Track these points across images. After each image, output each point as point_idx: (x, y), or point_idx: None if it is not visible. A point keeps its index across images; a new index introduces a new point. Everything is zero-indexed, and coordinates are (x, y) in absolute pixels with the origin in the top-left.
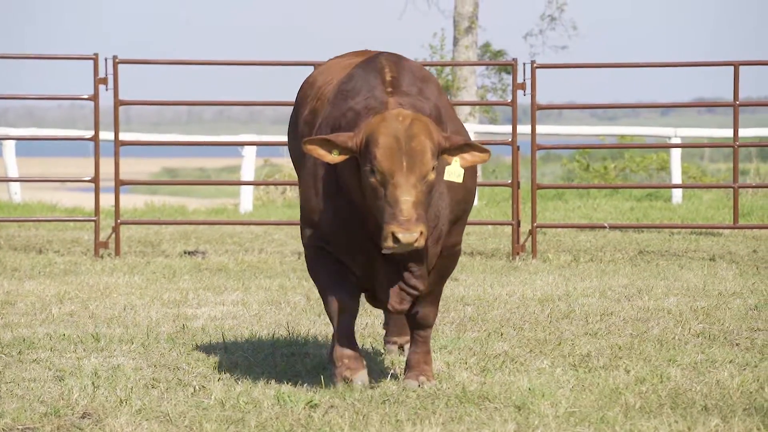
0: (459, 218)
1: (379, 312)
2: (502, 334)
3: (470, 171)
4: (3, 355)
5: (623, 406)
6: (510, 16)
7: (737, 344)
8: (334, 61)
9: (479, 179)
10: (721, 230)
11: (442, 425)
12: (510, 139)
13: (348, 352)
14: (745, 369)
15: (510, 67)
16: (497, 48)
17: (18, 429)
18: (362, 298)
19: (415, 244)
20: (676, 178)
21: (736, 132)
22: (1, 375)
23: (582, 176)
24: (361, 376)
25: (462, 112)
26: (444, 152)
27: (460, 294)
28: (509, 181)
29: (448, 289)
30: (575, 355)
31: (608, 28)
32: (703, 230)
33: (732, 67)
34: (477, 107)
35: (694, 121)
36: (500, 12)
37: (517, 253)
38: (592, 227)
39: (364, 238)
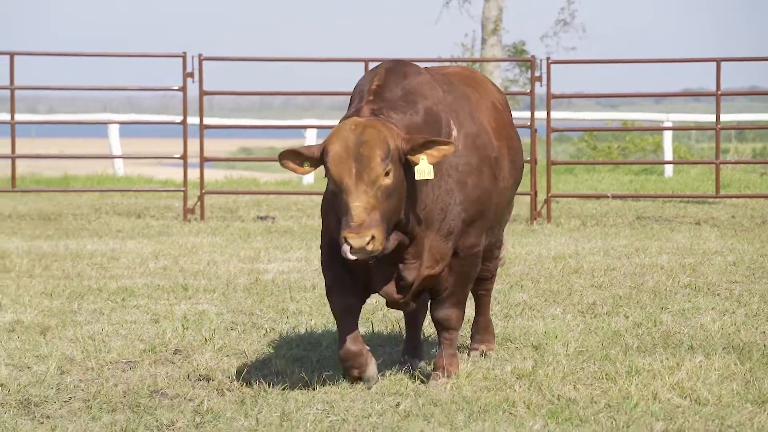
0: (474, 219)
1: None
2: (522, 286)
3: (488, 173)
4: (110, 302)
5: (623, 346)
6: (531, 19)
7: (718, 294)
8: None
9: None
10: (705, 199)
11: (472, 362)
12: (529, 123)
13: (352, 350)
14: (724, 315)
15: (529, 63)
16: (522, 47)
17: (122, 362)
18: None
19: (368, 248)
20: (668, 155)
21: (718, 117)
22: (108, 318)
23: (589, 154)
24: (369, 372)
25: None
26: (408, 154)
27: None
28: (528, 158)
29: None
30: (583, 303)
31: (611, 30)
32: (691, 199)
33: (715, 63)
34: None
35: (682, 108)
36: (523, 16)
37: (535, 219)
38: (598, 197)
39: None
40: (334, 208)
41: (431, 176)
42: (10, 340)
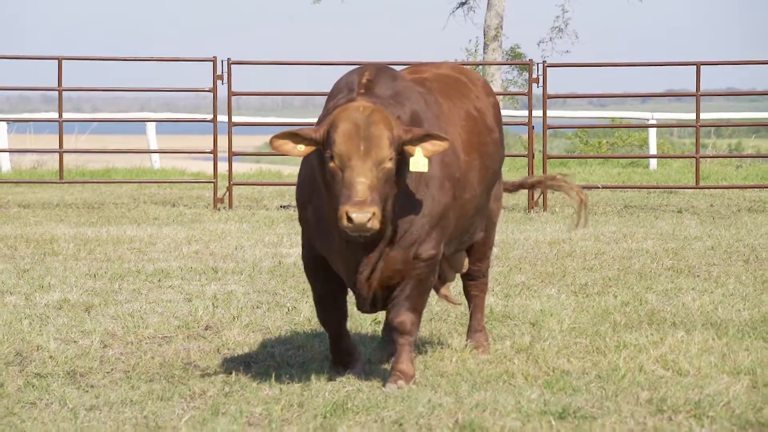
0: (433, 230)
1: None
2: (520, 269)
3: (450, 191)
4: (147, 282)
5: (612, 322)
6: (529, 26)
7: (698, 276)
8: None
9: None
10: (686, 190)
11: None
12: (526, 121)
13: (341, 350)
14: (704, 294)
15: (527, 66)
16: (520, 51)
17: (158, 337)
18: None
19: (368, 225)
20: (653, 150)
21: (698, 115)
22: (145, 297)
23: (581, 149)
24: (356, 369)
25: None
26: (405, 144)
27: None
28: (526, 153)
29: None
30: (576, 284)
31: (601, 36)
32: (673, 190)
33: (695, 66)
34: (501, 97)
35: (666, 107)
36: (521, 24)
37: (532, 207)
38: (589, 188)
39: (339, 236)
40: (313, 197)
41: (425, 169)
42: (58, 317)
